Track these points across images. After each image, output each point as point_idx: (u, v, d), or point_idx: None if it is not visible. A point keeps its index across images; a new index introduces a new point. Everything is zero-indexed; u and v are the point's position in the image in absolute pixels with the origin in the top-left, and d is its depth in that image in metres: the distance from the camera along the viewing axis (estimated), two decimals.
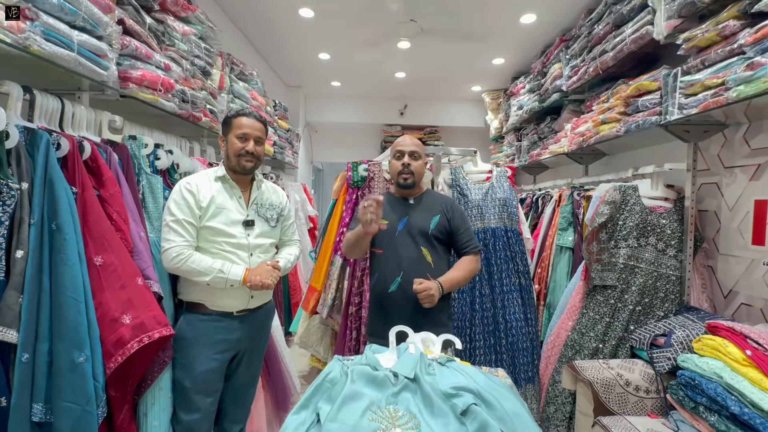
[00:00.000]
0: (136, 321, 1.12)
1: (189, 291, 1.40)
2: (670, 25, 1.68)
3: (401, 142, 1.57)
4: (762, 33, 1.27)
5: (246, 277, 1.35)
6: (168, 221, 1.33)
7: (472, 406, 0.80)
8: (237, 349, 1.45)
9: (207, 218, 1.37)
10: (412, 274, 1.44)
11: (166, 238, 1.32)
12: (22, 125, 1.03)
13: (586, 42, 2.48)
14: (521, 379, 1.97)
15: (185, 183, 1.38)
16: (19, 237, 0.96)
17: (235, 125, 1.43)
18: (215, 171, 1.47)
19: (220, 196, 1.40)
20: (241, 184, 1.48)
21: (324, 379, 0.89)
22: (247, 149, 1.42)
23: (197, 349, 1.36)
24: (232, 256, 1.39)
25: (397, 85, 4.53)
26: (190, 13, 1.89)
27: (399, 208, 1.56)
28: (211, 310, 1.38)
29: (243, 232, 1.42)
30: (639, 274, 1.80)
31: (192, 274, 1.31)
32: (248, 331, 1.46)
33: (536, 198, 2.92)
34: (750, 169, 1.66)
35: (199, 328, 1.37)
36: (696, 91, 1.55)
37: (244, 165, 1.43)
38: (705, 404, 1.26)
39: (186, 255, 1.30)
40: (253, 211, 1.47)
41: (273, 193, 1.59)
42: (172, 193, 1.37)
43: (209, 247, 1.38)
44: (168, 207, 1.35)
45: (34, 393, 0.97)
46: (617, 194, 1.85)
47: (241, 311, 1.43)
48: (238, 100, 2.60)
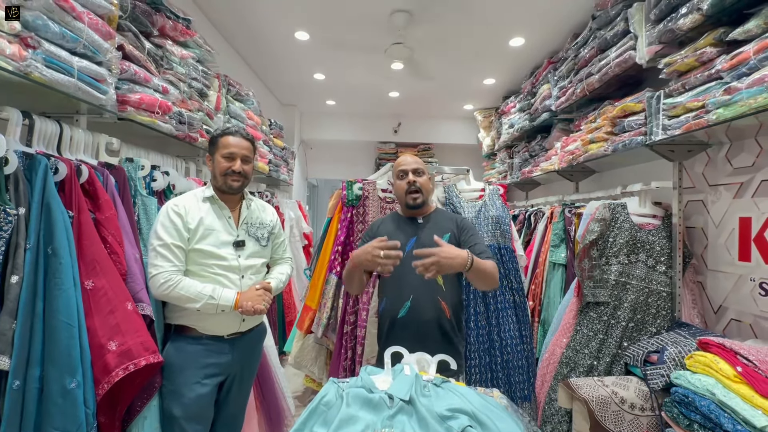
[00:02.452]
0: (123, 347, 1.10)
1: (178, 315, 1.35)
2: (652, 50, 1.75)
3: (402, 162, 1.52)
4: (737, 60, 1.33)
5: (237, 302, 1.32)
6: (155, 245, 1.28)
7: (468, 428, 0.80)
8: (227, 373, 1.41)
9: (196, 240, 1.33)
10: (421, 297, 1.38)
11: (154, 264, 1.27)
12: (20, 150, 1.04)
13: (572, 64, 2.56)
14: (517, 398, 1.96)
15: (172, 205, 1.34)
16: (14, 262, 0.96)
17: (221, 144, 1.41)
18: (203, 191, 1.43)
19: (208, 218, 1.37)
20: (230, 203, 1.45)
21: (319, 402, 0.88)
22: (234, 169, 1.39)
23: (186, 375, 1.31)
24: (223, 279, 1.35)
25: (390, 103, 4.62)
26: (188, 38, 1.93)
27: (407, 229, 1.49)
28: (201, 333, 1.35)
29: (234, 254, 1.39)
30: (630, 290, 1.83)
31: (182, 300, 1.27)
32: (239, 355, 1.42)
33: (529, 214, 2.96)
34: (733, 187, 1.72)
35: (189, 353, 1.32)
36: (678, 113, 1.61)
37: (231, 184, 1.40)
38: (699, 422, 1.27)
39: (175, 281, 1.26)
40: (243, 231, 1.44)
41: (263, 211, 1.56)
42: (159, 216, 1.33)
43: (199, 270, 1.33)
44: (155, 230, 1.30)
45: (23, 421, 0.96)
46: (607, 212, 1.89)
47: (231, 334, 1.39)
48: (234, 120, 2.64)
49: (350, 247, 2.19)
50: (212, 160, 1.43)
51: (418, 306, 1.38)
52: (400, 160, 1.53)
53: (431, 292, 1.40)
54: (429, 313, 1.39)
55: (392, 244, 1.25)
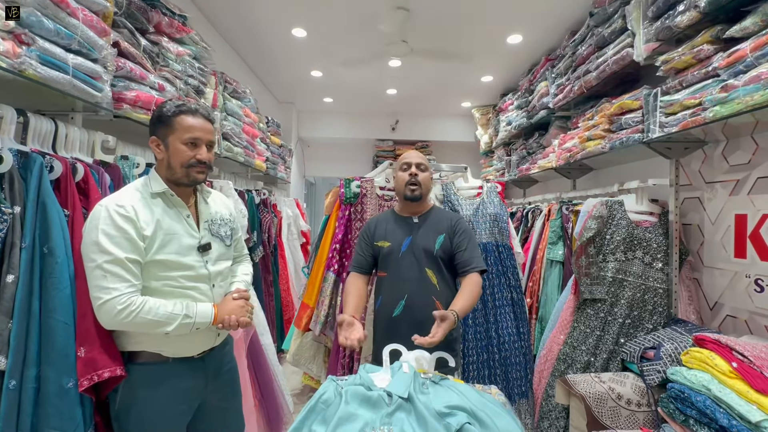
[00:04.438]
0: (88, 356, 1.00)
1: (135, 341, 1.08)
2: (649, 48, 1.76)
3: (407, 156, 1.56)
4: (734, 57, 1.34)
5: (216, 315, 1.11)
6: (100, 263, 0.98)
7: (466, 425, 0.81)
8: (202, 396, 1.18)
9: (155, 251, 1.05)
10: (416, 297, 1.39)
11: (103, 286, 0.98)
12: (15, 149, 1.03)
13: (570, 62, 2.56)
14: (515, 394, 1.97)
15: (115, 207, 1.02)
16: (10, 261, 0.95)
17: (180, 126, 1.10)
18: (148, 185, 1.12)
19: (165, 220, 1.09)
20: (184, 198, 1.17)
21: (318, 400, 0.89)
22: (199, 158, 1.12)
23: (153, 411, 1.08)
24: (194, 292, 1.12)
25: (388, 101, 4.61)
26: (184, 35, 1.92)
27: (403, 228, 1.51)
28: (166, 357, 1.10)
29: (200, 260, 1.14)
30: (627, 287, 1.84)
31: (148, 326, 1.01)
32: (213, 372, 1.21)
33: (526, 212, 2.97)
34: (729, 184, 1.72)
35: (154, 385, 1.08)
36: (675, 111, 1.61)
37: (196, 177, 1.13)
38: (695, 417, 1.28)
39: (138, 305, 1.00)
40: (206, 232, 1.19)
41: (220, 204, 1.31)
42: (97, 222, 1.00)
43: (161, 286, 1.07)
44: (96, 243, 0.99)
45: (20, 421, 0.95)
46: (604, 209, 1.89)
47: (202, 352, 1.17)
48: (231, 117, 2.63)
49: (348, 245, 2.19)
50: (164, 145, 1.12)
51: (412, 305, 1.39)
52: (406, 154, 1.57)
53: (426, 291, 1.41)
54: (423, 312, 1.39)
55: (356, 340, 1.22)
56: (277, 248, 3.25)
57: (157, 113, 1.13)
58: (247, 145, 2.91)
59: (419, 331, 1.32)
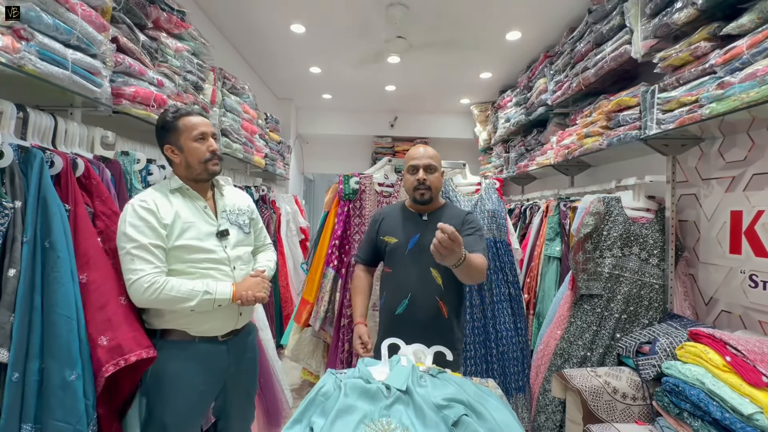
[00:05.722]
0: (113, 343, 1.06)
1: (164, 319, 1.21)
2: (647, 45, 1.76)
3: (414, 155, 1.45)
4: (731, 54, 1.35)
5: (235, 292, 1.22)
6: (129, 249, 1.13)
7: (464, 417, 0.82)
8: (225, 378, 1.30)
9: (176, 237, 1.19)
10: (419, 296, 1.37)
11: (132, 269, 1.12)
12: (15, 144, 1.04)
13: (568, 59, 2.57)
14: (512, 389, 1.99)
15: (138, 202, 1.18)
16: (11, 255, 0.96)
17: (186, 127, 1.25)
18: (168, 184, 1.27)
19: (183, 210, 1.23)
20: (202, 192, 1.32)
21: (317, 392, 0.90)
22: (212, 149, 1.27)
23: (180, 383, 1.20)
24: (215, 273, 1.24)
25: (387, 97, 4.60)
26: (183, 30, 1.92)
27: (411, 225, 1.47)
28: (193, 336, 1.22)
29: (219, 245, 1.27)
30: (624, 283, 1.85)
31: (173, 302, 1.14)
32: (236, 357, 1.32)
33: (524, 208, 2.98)
34: (725, 181, 1.74)
35: (181, 360, 1.20)
36: (672, 107, 1.62)
37: (213, 170, 1.28)
38: (689, 410, 1.30)
39: (161, 283, 1.13)
40: (224, 220, 1.32)
41: (237, 197, 1.44)
42: (125, 216, 1.16)
43: (186, 268, 1.20)
44: (124, 233, 1.14)
45: (23, 413, 0.96)
46: (601, 205, 1.90)
47: (226, 335, 1.29)
48: (230, 114, 2.63)
49: (347, 241, 2.20)
50: (178, 149, 1.26)
51: (415, 304, 1.38)
52: (412, 153, 1.46)
53: (430, 291, 1.39)
54: (426, 311, 1.39)
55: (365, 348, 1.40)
56: (276, 245, 3.26)
57: (160, 124, 1.28)
58: (246, 142, 2.91)
59: (421, 330, 1.34)
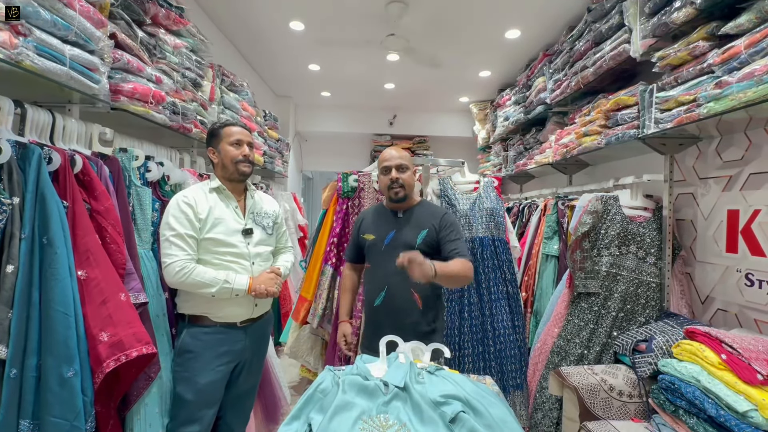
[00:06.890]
0: (114, 339, 1.10)
1: (191, 304, 1.41)
2: (646, 44, 1.77)
3: (386, 157, 1.56)
4: (729, 54, 1.35)
5: (251, 285, 1.39)
6: (168, 236, 1.33)
7: (461, 413, 0.83)
8: (240, 359, 1.47)
9: (207, 230, 1.39)
10: (395, 288, 1.46)
11: (168, 253, 1.32)
12: (13, 140, 1.03)
13: (567, 57, 2.57)
14: (510, 386, 2.00)
15: (182, 197, 1.39)
16: (9, 252, 0.96)
17: (226, 134, 1.48)
18: (208, 183, 1.49)
19: (217, 208, 1.43)
20: (236, 194, 1.52)
21: (315, 389, 0.90)
22: (244, 154, 1.48)
23: (201, 362, 1.37)
24: (235, 266, 1.42)
25: (386, 95, 4.59)
26: (181, 27, 1.91)
27: (387, 223, 1.57)
28: (215, 321, 1.40)
29: (243, 241, 1.45)
30: (621, 281, 1.86)
31: (197, 286, 1.33)
32: (251, 342, 1.49)
33: (523, 207, 2.99)
34: (722, 180, 1.75)
35: (203, 341, 1.38)
36: (670, 107, 1.63)
37: (243, 170, 1.48)
38: (684, 407, 1.31)
39: (190, 268, 1.32)
40: (250, 220, 1.51)
41: (266, 202, 1.64)
42: (169, 208, 1.37)
43: (211, 258, 1.40)
44: (167, 222, 1.35)
45: (21, 409, 0.97)
46: (599, 204, 1.91)
47: (244, 321, 1.46)
48: (228, 111, 2.62)
49: (345, 239, 2.20)
50: (217, 151, 1.49)
51: (391, 296, 1.47)
52: (385, 155, 1.57)
53: (405, 284, 1.45)
54: (401, 303, 1.48)
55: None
56: None
57: (210, 131, 1.53)
58: None
59: (398, 318, 1.45)
